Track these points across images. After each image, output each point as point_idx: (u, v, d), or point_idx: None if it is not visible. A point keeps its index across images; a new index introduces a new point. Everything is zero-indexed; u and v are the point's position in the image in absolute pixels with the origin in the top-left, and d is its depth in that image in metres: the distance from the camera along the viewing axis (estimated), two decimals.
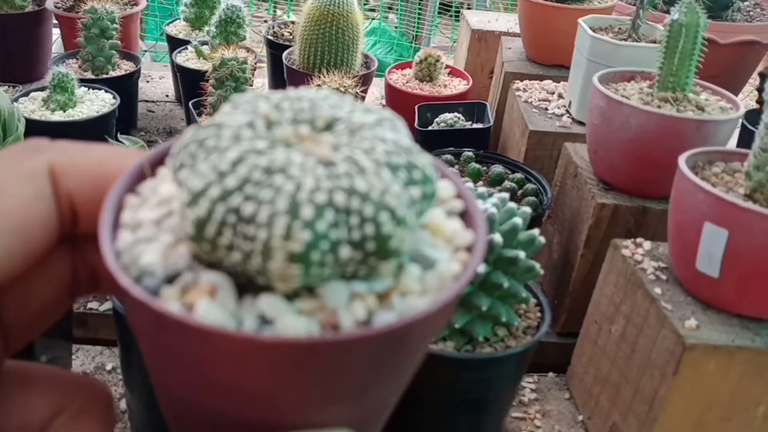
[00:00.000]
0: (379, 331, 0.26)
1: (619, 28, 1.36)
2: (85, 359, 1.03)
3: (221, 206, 0.25)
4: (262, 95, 0.31)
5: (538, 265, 0.79)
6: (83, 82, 1.37)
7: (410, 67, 1.75)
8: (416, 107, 1.52)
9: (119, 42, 1.48)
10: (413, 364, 0.30)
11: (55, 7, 1.62)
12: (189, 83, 1.53)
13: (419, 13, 3.33)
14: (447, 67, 1.74)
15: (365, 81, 1.54)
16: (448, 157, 1.24)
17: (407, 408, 0.83)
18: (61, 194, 0.28)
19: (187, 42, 1.61)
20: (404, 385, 0.31)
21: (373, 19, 3.51)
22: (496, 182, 1.19)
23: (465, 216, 0.32)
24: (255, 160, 0.26)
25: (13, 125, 1.13)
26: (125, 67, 1.52)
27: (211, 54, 1.50)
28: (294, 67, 1.57)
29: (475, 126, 1.49)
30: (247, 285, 0.27)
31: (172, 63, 1.62)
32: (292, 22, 1.82)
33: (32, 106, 1.31)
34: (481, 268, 0.75)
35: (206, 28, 1.64)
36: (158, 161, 0.30)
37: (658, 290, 0.84)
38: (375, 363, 0.27)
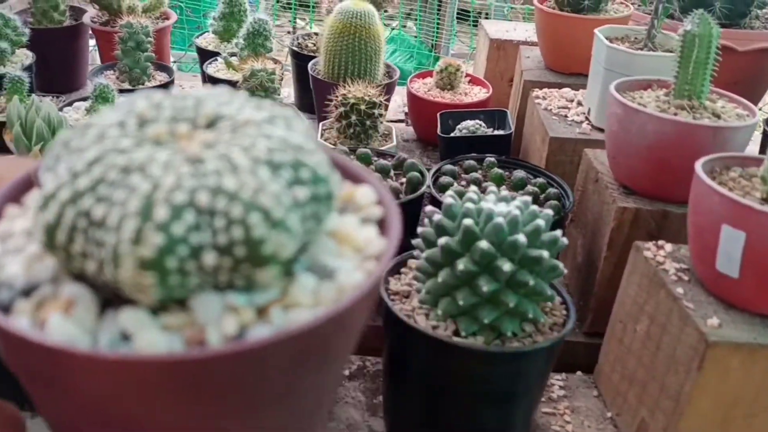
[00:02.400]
0: (249, 348, 0.23)
1: (635, 38, 1.40)
2: None
3: (71, 209, 0.22)
4: (144, 94, 0.28)
5: (561, 265, 0.83)
6: (121, 92, 1.44)
7: (431, 76, 1.80)
8: (438, 115, 1.57)
9: (153, 54, 1.55)
10: (322, 382, 0.26)
11: (92, 21, 1.70)
12: None
13: (438, 22, 3.39)
14: (467, 75, 1.79)
15: (388, 90, 1.60)
16: (471, 162, 1.29)
17: (438, 401, 0.88)
18: None
19: (216, 54, 1.68)
20: (324, 398, 0.27)
21: (393, 28, 3.58)
22: (518, 187, 1.23)
23: (383, 224, 0.29)
24: (113, 159, 0.23)
25: (61, 131, 1.20)
26: (159, 78, 1.59)
27: (241, 65, 1.56)
28: (319, 77, 1.63)
29: (496, 133, 1.54)
30: (114, 298, 0.24)
31: (203, 73, 1.68)
32: (316, 34, 1.88)
33: (76, 115, 1.38)
34: (508, 267, 0.79)
35: (234, 41, 1.71)
36: None
37: (680, 290, 0.88)
38: (256, 381, 0.24)
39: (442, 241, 0.83)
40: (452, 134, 1.52)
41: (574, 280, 1.23)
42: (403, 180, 1.20)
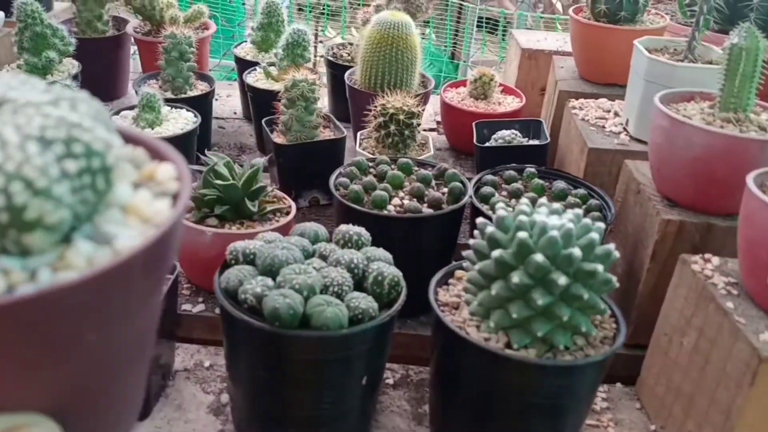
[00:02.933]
0: (6, 303, 0.24)
1: (674, 50, 1.41)
2: (185, 356, 1.11)
3: None
4: None
5: (614, 278, 0.84)
6: (167, 102, 1.47)
7: (464, 86, 1.81)
8: (474, 124, 1.58)
9: (195, 64, 1.58)
10: (109, 340, 0.28)
11: (135, 31, 1.73)
12: (259, 102, 1.61)
13: (451, 29, 3.40)
14: (499, 85, 1.80)
15: (423, 100, 1.61)
16: (511, 173, 1.30)
17: (487, 412, 0.89)
18: None
19: (254, 63, 1.71)
20: (110, 368, 0.29)
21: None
22: (559, 197, 1.24)
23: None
24: None
25: None
26: (201, 87, 1.62)
27: (281, 75, 1.58)
28: (356, 86, 1.65)
29: (532, 143, 1.55)
30: None
31: (241, 82, 1.71)
32: (350, 44, 1.90)
33: (123, 123, 1.41)
34: (563, 281, 0.80)
35: (273, 51, 1.73)
36: None
37: (730, 304, 0.89)
38: (25, 339, 0.25)
39: (496, 253, 0.84)
40: (488, 144, 1.54)
41: (613, 291, 1.23)
42: (445, 190, 1.22)
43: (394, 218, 1.13)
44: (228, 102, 1.91)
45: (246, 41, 1.86)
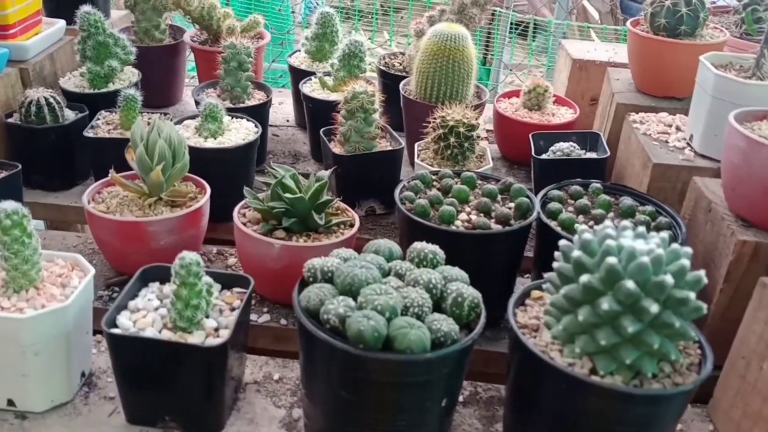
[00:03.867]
0: None
1: (740, 66, 1.38)
2: (254, 368, 1.11)
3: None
4: None
5: (704, 306, 0.83)
6: (229, 111, 1.48)
7: (516, 96, 1.80)
8: (530, 136, 1.57)
9: (253, 74, 1.59)
10: None
11: (192, 40, 1.75)
12: (315, 111, 1.62)
13: (482, 34, 3.38)
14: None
15: (479, 111, 1.61)
16: (577, 188, 1.29)
17: None
18: None
19: (309, 73, 1.71)
20: None
21: None
22: (627, 214, 1.22)
23: None
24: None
25: (181, 152, 1.24)
26: (258, 97, 1.63)
27: (341, 86, 1.59)
28: (411, 97, 1.65)
29: (590, 155, 1.54)
30: None
31: (295, 91, 1.72)
32: (402, 53, 1.90)
33: (186, 133, 1.42)
34: (654, 308, 0.79)
35: (329, 61, 1.74)
36: None
37: None
38: None
39: (584, 279, 0.83)
40: (546, 156, 1.53)
41: None
42: (511, 205, 1.21)
43: (462, 234, 1.13)
44: (280, 109, 1.92)
45: (299, 50, 1.87)
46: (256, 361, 1.13)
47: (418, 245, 0.99)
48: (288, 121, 1.87)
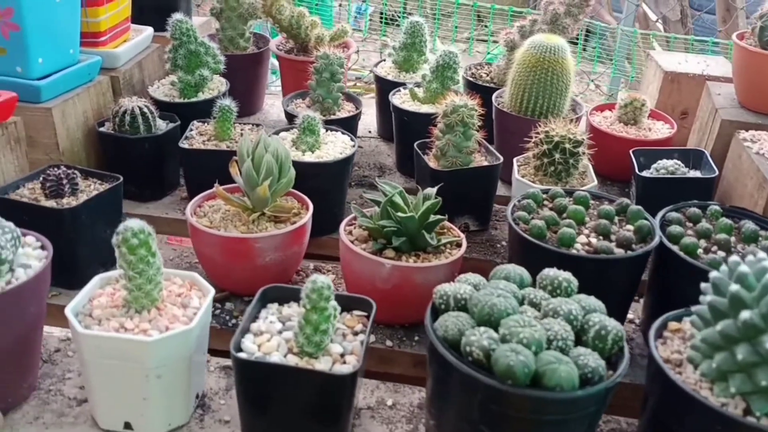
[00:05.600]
0: None
1: None
2: (365, 392, 1.08)
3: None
4: None
5: None
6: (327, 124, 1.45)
7: (610, 109, 1.74)
8: (631, 152, 1.51)
9: (344, 85, 1.56)
10: None
11: (278, 49, 1.73)
12: (404, 123, 1.59)
13: None
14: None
15: (575, 125, 1.55)
16: (695, 210, 1.22)
17: None
18: None
19: (396, 84, 1.68)
20: None
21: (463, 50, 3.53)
22: (750, 239, 1.16)
23: None
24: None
25: (287, 167, 1.22)
26: (348, 108, 1.60)
27: (435, 99, 1.55)
28: (504, 109, 1.60)
29: (693, 174, 1.47)
30: None
31: (379, 101, 1.69)
32: (488, 63, 1.86)
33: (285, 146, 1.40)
34: None
35: (419, 71, 1.70)
36: None
37: None
38: None
39: (745, 315, 0.78)
40: (649, 174, 1.46)
41: None
42: (630, 227, 1.16)
43: (584, 258, 1.08)
44: (362, 120, 1.89)
45: (385, 59, 1.83)
46: (367, 385, 1.10)
47: (551, 272, 0.95)
48: (370, 132, 1.84)
